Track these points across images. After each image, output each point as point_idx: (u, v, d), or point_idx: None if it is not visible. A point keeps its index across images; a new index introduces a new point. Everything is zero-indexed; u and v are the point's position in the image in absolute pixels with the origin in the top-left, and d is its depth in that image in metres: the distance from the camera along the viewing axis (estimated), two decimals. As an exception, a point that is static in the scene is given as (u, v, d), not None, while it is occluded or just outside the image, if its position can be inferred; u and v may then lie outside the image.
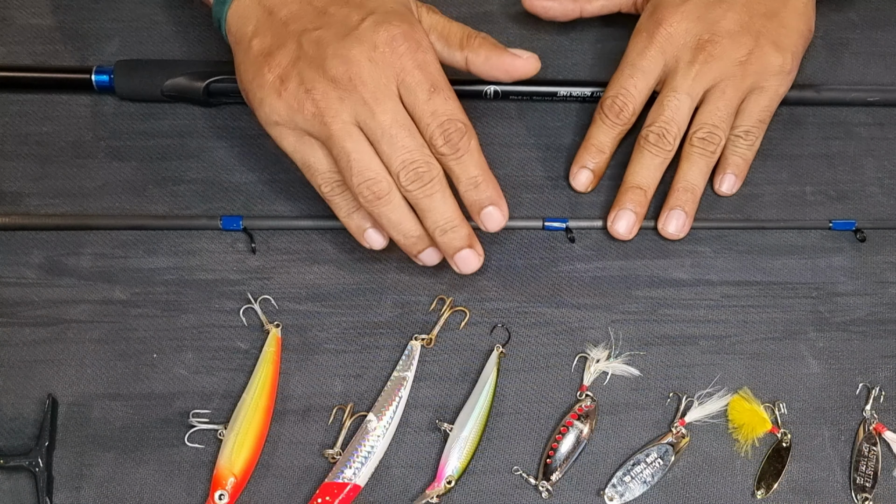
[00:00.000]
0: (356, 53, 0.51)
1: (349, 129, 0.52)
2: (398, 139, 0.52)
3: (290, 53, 0.53)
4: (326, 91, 0.52)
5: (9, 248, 0.59)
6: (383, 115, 0.52)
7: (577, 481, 0.57)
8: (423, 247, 0.56)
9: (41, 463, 0.54)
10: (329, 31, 0.52)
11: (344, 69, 0.51)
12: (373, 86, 0.51)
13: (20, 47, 0.64)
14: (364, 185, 0.52)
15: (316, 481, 0.56)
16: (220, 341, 0.58)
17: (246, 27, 0.55)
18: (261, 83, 0.53)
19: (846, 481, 0.58)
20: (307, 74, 0.52)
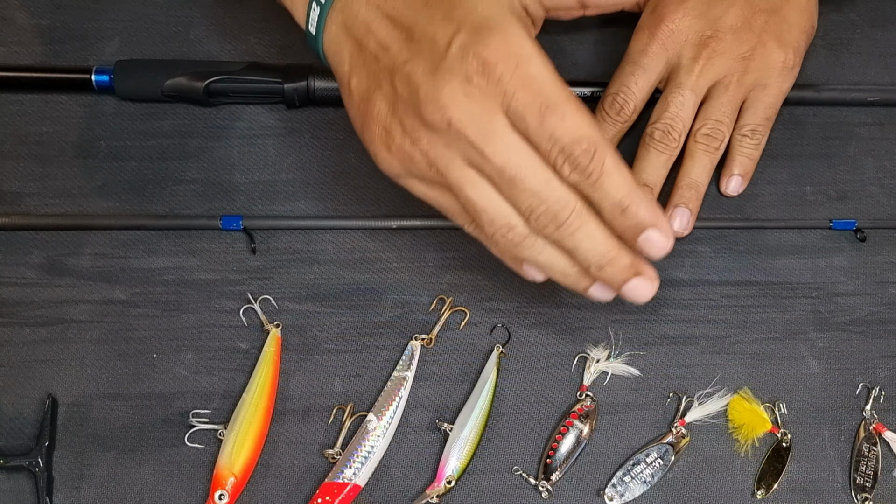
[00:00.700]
0: (448, 93, 0.44)
1: (466, 175, 0.46)
2: (517, 181, 0.45)
3: (387, 97, 0.47)
4: (431, 139, 0.46)
5: (9, 248, 0.59)
6: (495, 157, 0.45)
7: (577, 481, 0.57)
8: (588, 283, 0.49)
9: (41, 463, 0.54)
10: (418, 64, 0.46)
11: (440, 115, 0.45)
12: (475, 125, 0.45)
13: (20, 47, 0.64)
14: (498, 235, 0.48)
15: (316, 481, 0.56)
16: (220, 341, 0.58)
17: (342, 65, 0.50)
18: (370, 137, 0.48)
19: (846, 481, 0.58)
20: (408, 123, 0.46)
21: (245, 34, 0.65)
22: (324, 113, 0.63)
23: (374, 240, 0.61)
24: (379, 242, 0.61)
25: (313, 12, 0.50)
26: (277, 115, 0.63)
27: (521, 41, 0.45)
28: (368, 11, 0.48)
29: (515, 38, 0.45)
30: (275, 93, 0.62)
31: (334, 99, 0.62)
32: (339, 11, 0.49)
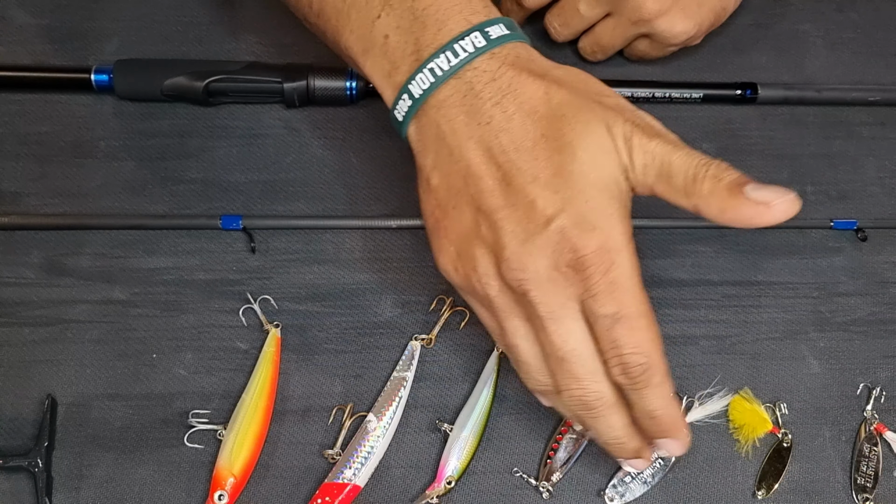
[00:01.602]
0: (533, 270, 0.45)
1: (521, 328, 0.48)
2: (566, 363, 0.46)
3: (465, 223, 0.47)
4: (502, 291, 0.47)
5: (8, 248, 0.59)
6: (555, 336, 0.46)
7: (577, 482, 0.57)
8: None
9: (40, 463, 0.54)
10: (510, 221, 0.45)
11: (519, 283, 0.45)
12: (548, 306, 0.45)
13: (20, 47, 0.64)
14: (529, 381, 0.50)
15: (316, 481, 0.56)
16: (219, 341, 0.58)
17: (425, 157, 0.49)
18: (438, 246, 0.49)
19: (847, 481, 0.57)
20: (482, 265, 0.46)
21: (245, 34, 0.65)
22: (324, 113, 0.63)
23: (374, 240, 0.61)
24: (379, 242, 0.61)
25: (402, 102, 0.49)
26: (277, 115, 0.63)
27: (620, 245, 0.45)
28: (468, 126, 0.47)
29: (615, 242, 0.45)
30: (274, 92, 0.62)
31: (334, 99, 0.62)
32: (433, 108, 0.48)
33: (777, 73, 0.66)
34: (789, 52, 0.67)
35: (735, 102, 0.65)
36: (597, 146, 0.45)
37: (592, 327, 0.46)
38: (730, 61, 0.67)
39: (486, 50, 0.47)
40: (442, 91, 0.47)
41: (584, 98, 0.47)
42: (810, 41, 0.67)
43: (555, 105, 0.46)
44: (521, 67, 0.47)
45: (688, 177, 0.46)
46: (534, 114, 0.46)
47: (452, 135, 0.47)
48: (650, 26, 0.60)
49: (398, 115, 0.49)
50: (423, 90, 0.47)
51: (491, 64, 0.47)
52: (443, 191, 0.48)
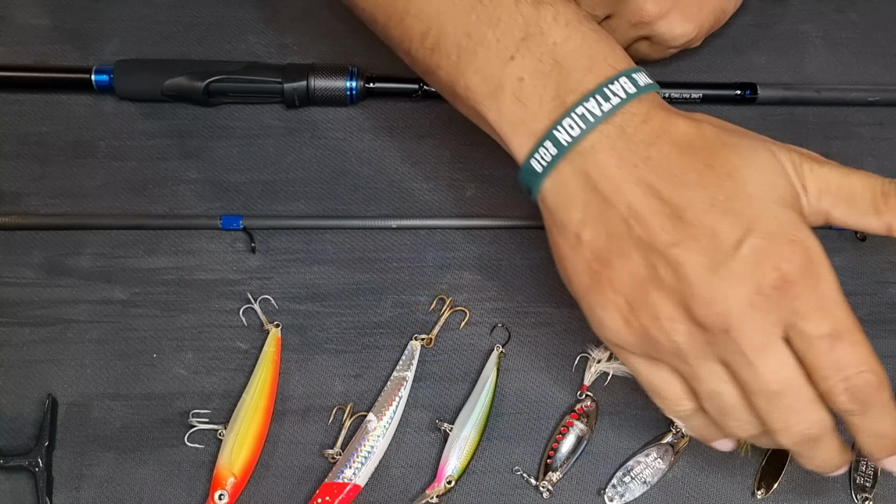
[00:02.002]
0: (734, 300, 0.41)
1: (717, 373, 0.44)
2: (786, 401, 0.43)
3: (636, 271, 0.43)
4: (692, 334, 0.43)
5: (9, 248, 0.59)
6: (766, 372, 0.42)
7: (577, 481, 0.57)
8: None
9: (41, 463, 0.54)
10: (692, 253, 0.42)
11: (718, 319, 0.42)
12: (753, 338, 0.42)
13: (20, 47, 0.64)
14: (738, 428, 0.46)
15: (316, 481, 0.56)
16: (220, 341, 0.58)
17: (570, 212, 0.45)
18: (602, 302, 0.45)
19: (846, 481, 0.58)
20: (665, 310, 0.43)
21: (245, 34, 0.65)
22: (324, 113, 0.63)
23: (374, 240, 0.61)
24: (379, 242, 0.61)
25: (544, 150, 0.45)
26: (277, 115, 0.63)
27: (821, 257, 0.42)
28: (622, 169, 0.44)
29: (816, 254, 0.42)
30: (274, 93, 0.62)
31: (334, 99, 0.62)
32: (579, 155, 0.45)
33: (776, 73, 0.66)
34: (789, 52, 0.67)
35: (734, 103, 0.65)
36: (769, 168, 0.44)
37: (803, 352, 0.43)
38: (729, 61, 0.67)
39: (636, 95, 0.45)
40: (590, 138, 0.44)
41: (737, 131, 0.46)
42: (810, 41, 0.67)
43: (711, 138, 0.44)
44: (668, 109, 0.45)
45: (875, 195, 0.45)
46: (692, 148, 0.44)
47: (606, 180, 0.44)
48: (650, 29, 0.60)
49: (537, 164, 0.46)
50: (571, 137, 0.44)
51: (640, 107, 0.45)
52: (600, 241, 0.44)
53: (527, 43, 0.45)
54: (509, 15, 0.46)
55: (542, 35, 0.45)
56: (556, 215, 0.46)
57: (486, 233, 0.62)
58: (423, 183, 0.62)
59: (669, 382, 0.46)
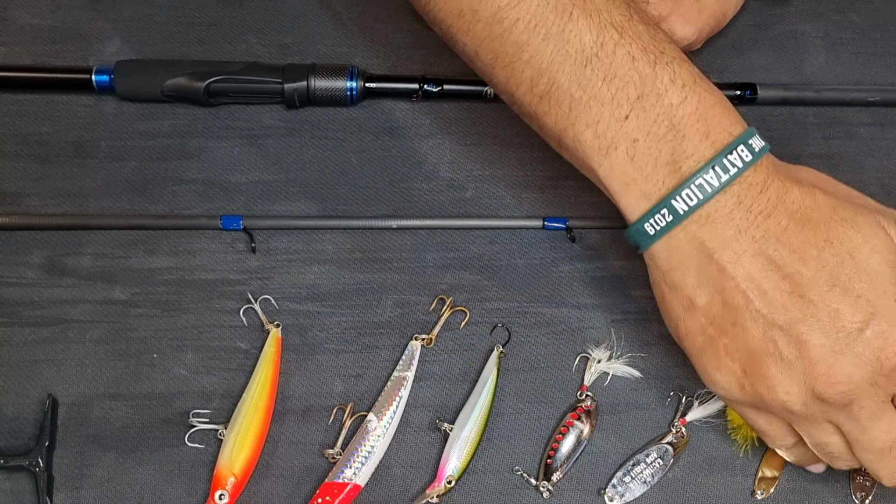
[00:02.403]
0: (858, 380, 0.44)
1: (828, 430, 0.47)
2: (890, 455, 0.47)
3: (754, 344, 0.45)
4: (808, 405, 0.45)
5: (9, 248, 0.59)
6: (879, 435, 0.46)
7: (577, 481, 0.57)
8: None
9: (41, 463, 0.54)
10: (816, 332, 0.44)
11: (841, 397, 0.44)
12: (870, 409, 0.45)
13: (20, 47, 0.64)
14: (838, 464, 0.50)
15: (316, 481, 0.56)
16: (220, 341, 0.58)
17: (685, 276, 0.46)
18: (716, 365, 0.47)
19: (846, 481, 0.58)
20: (782, 382, 0.45)
21: (245, 34, 0.65)
22: (324, 113, 0.64)
23: (374, 240, 0.61)
24: (379, 242, 0.61)
25: (660, 217, 0.46)
26: (277, 115, 0.63)
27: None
28: (740, 241, 0.45)
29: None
30: (275, 93, 0.62)
31: (334, 99, 0.62)
32: (695, 223, 0.45)
33: (776, 73, 0.66)
34: (788, 52, 0.67)
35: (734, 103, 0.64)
36: (883, 245, 0.45)
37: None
38: (729, 62, 0.67)
39: (752, 163, 0.45)
40: (707, 207, 0.45)
41: (848, 198, 0.47)
42: (809, 42, 0.67)
43: (827, 210, 0.45)
44: (783, 175, 0.46)
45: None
46: (809, 221, 0.45)
47: (723, 250, 0.45)
48: None
49: (650, 228, 0.46)
50: (689, 206, 0.45)
51: (757, 176, 0.45)
52: (716, 309, 0.46)
53: (642, 102, 0.45)
54: (625, 72, 0.45)
55: (659, 96, 0.45)
56: (669, 276, 0.47)
57: (486, 233, 0.62)
58: (423, 183, 0.62)
59: (777, 426, 0.49)
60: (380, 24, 0.66)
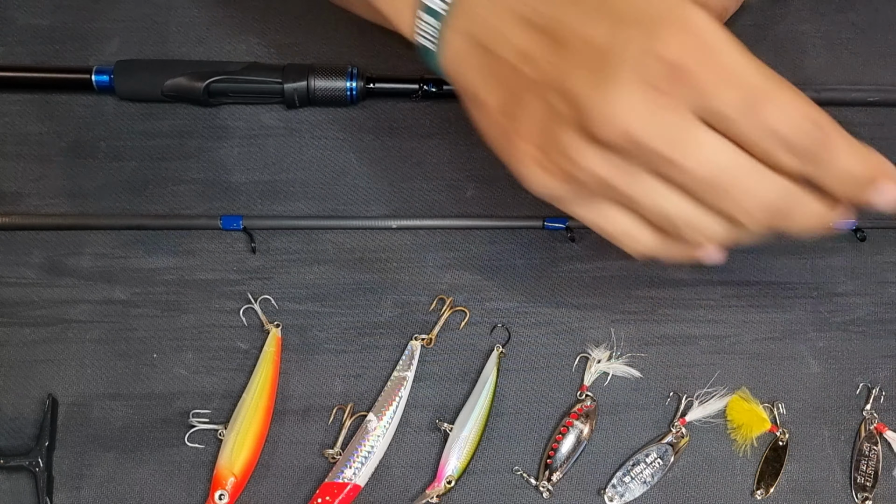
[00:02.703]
0: (625, 106, 0.38)
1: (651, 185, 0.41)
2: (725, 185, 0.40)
3: (537, 114, 0.41)
4: (604, 157, 0.40)
5: (9, 248, 0.59)
6: (697, 168, 0.40)
7: (577, 481, 0.57)
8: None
9: (41, 463, 0.54)
10: (577, 74, 0.40)
11: (618, 133, 0.39)
12: (666, 137, 0.39)
13: (20, 47, 0.64)
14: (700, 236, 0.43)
15: (316, 481, 0.56)
16: (220, 341, 0.59)
17: (468, 77, 0.44)
18: (518, 157, 0.43)
19: (846, 481, 0.58)
20: (571, 143, 0.40)
21: (245, 34, 0.65)
22: (324, 113, 0.63)
23: (374, 240, 0.61)
24: (379, 242, 0.61)
25: (424, 23, 0.43)
26: (277, 115, 0.63)
27: (707, 26, 0.38)
28: (498, 16, 0.42)
29: (700, 26, 0.38)
30: (274, 93, 0.62)
31: (334, 99, 0.62)
32: (460, 19, 0.43)
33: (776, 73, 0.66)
34: (788, 52, 0.67)
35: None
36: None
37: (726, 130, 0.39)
38: (729, 62, 0.67)
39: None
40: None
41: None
42: (809, 42, 0.67)
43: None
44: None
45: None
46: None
47: (486, 33, 0.42)
48: None
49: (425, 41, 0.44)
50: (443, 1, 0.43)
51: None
52: (501, 97, 0.42)
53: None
54: None
55: None
56: (461, 88, 0.45)
57: (486, 233, 0.62)
58: (423, 183, 0.62)
59: (616, 219, 0.44)
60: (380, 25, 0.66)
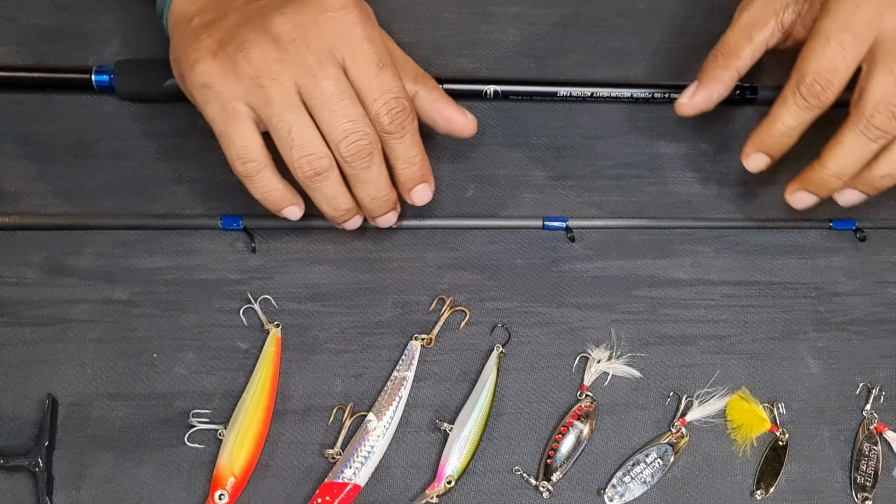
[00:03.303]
0: (304, 15, 0.49)
1: (290, 95, 0.49)
2: (340, 108, 0.49)
3: (233, 20, 0.50)
4: (266, 51, 0.49)
5: (9, 248, 0.59)
6: (326, 81, 0.49)
7: (577, 481, 0.57)
8: (351, 217, 0.55)
9: (41, 463, 0.54)
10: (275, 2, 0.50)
11: (289, 28, 0.49)
12: (318, 50, 0.49)
13: (20, 47, 0.64)
14: (304, 160, 0.50)
15: (316, 481, 0.56)
16: (220, 341, 0.59)
17: (189, 8, 0.52)
18: (196, 47, 0.50)
19: (846, 481, 0.58)
20: (248, 35, 0.49)
21: (245, 34, 0.65)
22: (324, 113, 0.63)
23: (374, 240, 0.61)
24: (379, 242, 0.61)
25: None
26: (277, 115, 0.63)
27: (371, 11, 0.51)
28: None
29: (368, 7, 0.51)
30: (275, 93, 0.62)
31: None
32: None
33: (777, 73, 0.66)
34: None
35: (735, 103, 0.65)
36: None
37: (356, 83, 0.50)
38: (729, 62, 0.67)
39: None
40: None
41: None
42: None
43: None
44: None
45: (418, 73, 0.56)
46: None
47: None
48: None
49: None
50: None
51: None
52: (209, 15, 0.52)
53: None
54: None
55: None
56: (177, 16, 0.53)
57: (486, 233, 0.62)
58: (423, 183, 0.62)
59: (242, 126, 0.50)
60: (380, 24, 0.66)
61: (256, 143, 0.51)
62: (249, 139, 0.50)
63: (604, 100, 0.64)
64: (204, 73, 0.50)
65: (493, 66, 0.65)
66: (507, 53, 0.66)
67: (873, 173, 0.53)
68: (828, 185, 0.55)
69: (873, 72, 0.51)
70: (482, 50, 0.65)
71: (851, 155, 0.53)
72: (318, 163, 0.50)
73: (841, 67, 0.51)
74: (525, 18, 0.67)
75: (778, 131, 0.54)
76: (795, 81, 0.53)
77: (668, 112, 0.64)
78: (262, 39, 0.49)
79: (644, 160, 0.64)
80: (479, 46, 0.66)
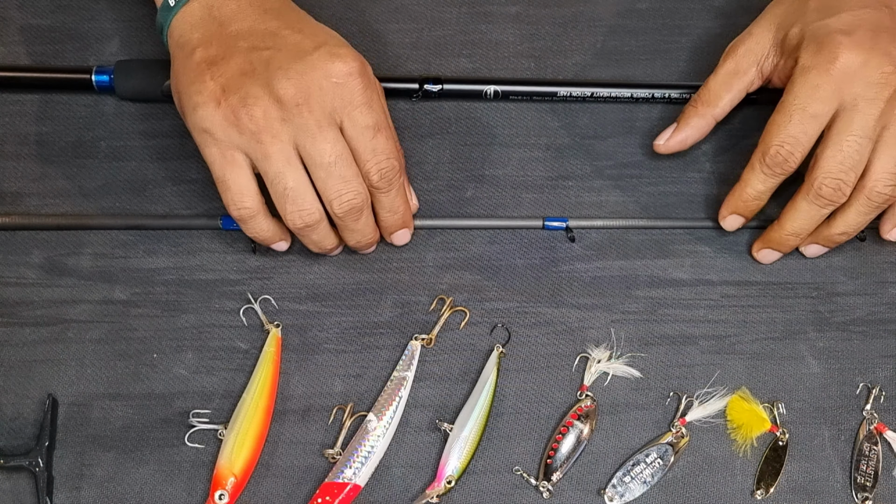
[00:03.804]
0: (308, 79, 0.51)
1: (288, 153, 0.52)
2: (336, 169, 0.52)
3: (237, 66, 0.52)
4: (269, 110, 0.51)
5: (9, 248, 0.59)
6: (325, 144, 0.52)
7: (577, 481, 0.57)
8: (335, 252, 0.59)
9: (41, 463, 0.54)
10: (281, 53, 0.52)
11: (293, 92, 0.51)
12: (319, 113, 0.52)
13: (20, 47, 0.64)
14: (297, 214, 0.53)
15: (316, 481, 0.56)
16: (220, 341, 0.59)
17: (192, 34, 0.54)
18: (199, 89, 0.52)
19: (846, 481, 0.58)
20: (252, 90, 0.51)
21: (245, 34, 0.65)
22: (324, 113, 0.63)
23: (374, 240, 0.61)
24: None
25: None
26: (277, 115, 0.63)
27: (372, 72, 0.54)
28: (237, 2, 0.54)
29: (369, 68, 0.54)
30: (275, 93, 0.62)
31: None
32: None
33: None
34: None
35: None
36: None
37: (352, 143, 0.53)
38: (729, 62, 0.67)
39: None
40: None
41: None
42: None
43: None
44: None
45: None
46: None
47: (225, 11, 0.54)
48: None
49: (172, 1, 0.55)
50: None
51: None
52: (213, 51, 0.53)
53: None
54: None
55: None
56: (179, 41, 0.54)
57: (486, 233, 0.62)
58: (423, 183, 0.62)
59: (237, 175, 0.53)
60: (380, 24, 0.66)
61: (251, 191, 0.53)
62: (245, 186, 0.53)
63: (603, 100, 0.64)
64: (206, 119, 0.52)
65: (492, 66, 0.65)
66: (506, 53, 0.66)
67: (831, 231, 0.58)
68: (787, 242, 0.59)
69: (826, 145, 0.55)
70: (482, 50, 0.65)
71: (804, 218, 0.57)
72: (310, 217, 0.53)
73: (802, 140, 0.55)
74: (525, 18, 0.67)
75: (749, 195, 0.58)
76: (762, 152, 0.56)
77: (668, 112, 0.64)
78: (266, 98, 0.51)
79: (644, 160, 0.64)
80: (479, 46, 0.66)
